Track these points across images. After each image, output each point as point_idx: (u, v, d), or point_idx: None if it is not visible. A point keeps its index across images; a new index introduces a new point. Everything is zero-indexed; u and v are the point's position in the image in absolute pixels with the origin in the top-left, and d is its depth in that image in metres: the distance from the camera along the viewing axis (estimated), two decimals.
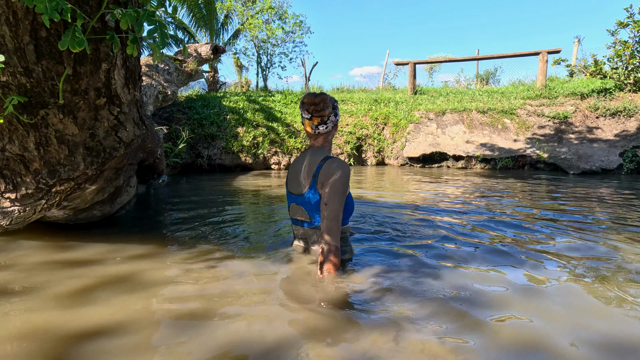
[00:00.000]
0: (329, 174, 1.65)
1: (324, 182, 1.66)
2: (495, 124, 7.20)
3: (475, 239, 2.27)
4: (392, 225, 2.59)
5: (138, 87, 2.12)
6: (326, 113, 1.73)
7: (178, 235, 2.45)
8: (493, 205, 3.31)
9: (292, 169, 1.85)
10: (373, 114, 7.77)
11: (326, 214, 1.62)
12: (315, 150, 1.79)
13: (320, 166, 1.69)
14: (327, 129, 1.77)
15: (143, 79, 5.13)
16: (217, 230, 2.53)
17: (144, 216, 3.08)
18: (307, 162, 1.75)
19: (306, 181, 1.73)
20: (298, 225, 1.86)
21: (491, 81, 14.27)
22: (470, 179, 5.15)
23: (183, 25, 14.21)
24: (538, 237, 2.33)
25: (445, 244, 2.18)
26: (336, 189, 1.63)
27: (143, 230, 2.59)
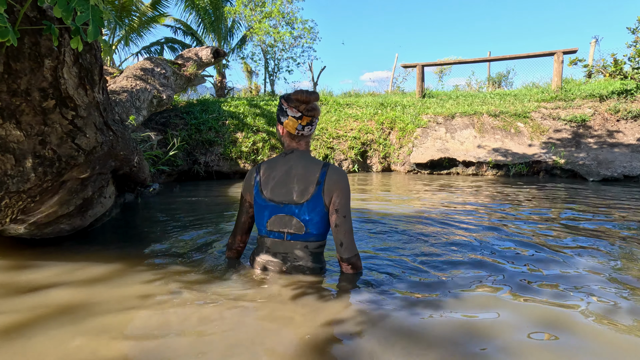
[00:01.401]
0: (341, 183, 1.55)
1: (333, 191, 1.53)
2: (507, 128, 6.84)
3: (492, 259, 1.97)
4: (397, 239, 2.30)
5: (100, 88, 1.88)
6: (316, 113, 1.58)
7: (152, 253, 2.21)
8: (509, 218, 2.99)
9: (272, 175, 1.61)
10: (379, 118, 7.48)
11: (348, 227, 1.55)
12: (303, 155, 1.61)
13: (325, 172, 1.55)
14: (311, 130, 1.61)
15: (137, 83, 4.95)
16: (197, 247, 2.28)
17: (124, 229, 2.85)
18: (301, 168, 1.57)
19: (308, 189, 1.55)
20: (280, 239, 1.60)
21: (504, 84, 13.84)
22: (482, 187, 4.82)
23: (191, 30, 14.22)
24: (562, 258, 2.01)
25: (457, 266, 1.89)
26: (349, 199, 1.57)
27: (116, 246, 2.36)
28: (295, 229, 1.57)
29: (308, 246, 1.60)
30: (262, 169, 1.66)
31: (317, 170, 1.56)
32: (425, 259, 2.00)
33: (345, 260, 1.60)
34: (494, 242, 2.30)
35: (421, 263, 1.93)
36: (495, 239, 2.37)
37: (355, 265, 1.63)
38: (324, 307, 1.43)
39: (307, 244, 1.59)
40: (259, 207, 1.62)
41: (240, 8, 12.22)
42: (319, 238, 1.60)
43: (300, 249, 1.60)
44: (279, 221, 1.58)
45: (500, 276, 1.76)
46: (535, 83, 11.16)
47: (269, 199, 1.59)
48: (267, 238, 1.63)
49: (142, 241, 2.49)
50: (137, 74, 5.11)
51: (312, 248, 1.61)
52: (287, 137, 1.65)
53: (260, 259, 1.67)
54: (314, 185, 1.54)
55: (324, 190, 1.54)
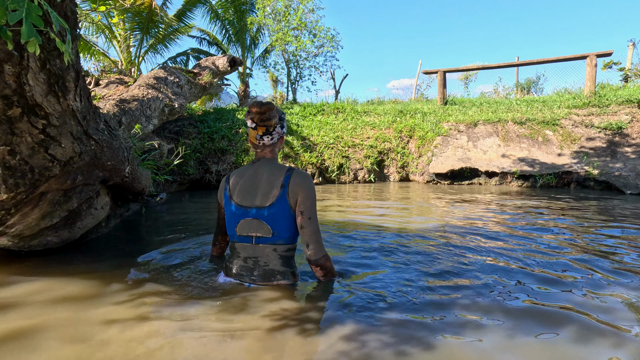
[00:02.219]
0: (305, 186, 1.60)
1: (297, 194, 1.59)
2: (535, 136, 6.42)
3: (529, 291, 1.72)
4: (409, 258, 2.07)
5: (76, 95, 1.78)
6: (272, 123, 1.64)
7: (136, 269, 2.08)
8: (533, 236, 2.69)
9: (241, 182, 1.69)
10: (397, 126, 7.23)
11: (313, 228, 1.59)
12: (269, 162, 1.69)
13: (289, 176, 1.61)
14: (271, 140, 1.68)
15: (149, 91, 4.95)
16: (183, 263, 2.14)
17: (118, 242, 2.75)
18: (266, 174, 1.64)
19: (271, 193, 1.61)
20: (249, 242, 1.65)
21: (533, 90, 13.22)
22: (506, 199, 4.48)
23: (216, 41, 14.49)
24: (605, 290, 1.73)
25: (480, 295, 1.65)
26: (314, 201, 1.61)
27: (101, 261, 2.25)
28: (263, 232, 1.62)
29: (276, 249, 1.63)
30: (232, 177, 1.73)
31: (281, 174, 1.61)
32: (435, 283, 1.77)
33: (313, 262, 1.63)
34: (518, 268, 2.04)
35: (428, 290, 1.70)
36: (519, 261, 2.10)
37: (324, 266, 1.64)
38: (298, 347, 1.23)
39: (275, 247, 1.63)
40: (228, 213, 1.69)
41: (263, 19, 12.33)
42: (287, 241, 1.64)
43: (269, 252, 1.64)
44: (247, 225, 1.64)
45: (513, 319, 1.51)
46: (568, 89, 10.58)
47: (237, 204, 1.66)
48: (237, 243, 1.68)
49: (131, 256, 2.37)
50: (150, 83, 5.12)
51: (281, 251, 1.64)
52: (252, 147, 1.73)
53: (232, 265, 1.71)
54: (278, 188, 1.60)
55: (288, 192, 1.58)
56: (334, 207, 4.05)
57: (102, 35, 11.92)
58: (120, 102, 4.37)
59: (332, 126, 7.10)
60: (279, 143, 1.72)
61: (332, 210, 3.85)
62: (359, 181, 6.52)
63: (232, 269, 1.70)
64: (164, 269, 2.06)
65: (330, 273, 1.69)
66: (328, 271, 1.67)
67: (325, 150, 6.45)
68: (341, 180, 6.43)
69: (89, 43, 11.59)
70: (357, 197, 4.87)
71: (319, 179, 6.21)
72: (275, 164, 1.68)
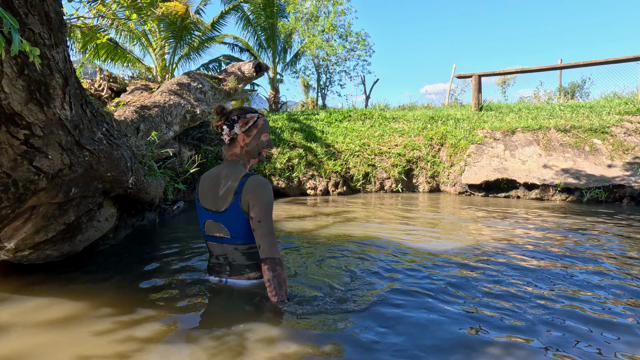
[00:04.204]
0: (255, 192, 1.64)
1: (249, 200, 1.64)
2: (580, 145, 5.86)
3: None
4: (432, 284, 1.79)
5: (64, 103, 1.65)
6: (214, 123, 1.77)
7: (136, 287, 1.95)
8: (597, 264, 2.31)
9: (205, 183, 1.79)
10: (427, 133, 6.85)
11: (263, 231, 1.62)
12: (229, 165, 1.75)
13: (243, 183, 1.65)
14: (228, 138, 1.76)
15: (171, 98, 4.91)
16: (195, 284, 1.95)
17: (126, 254, 2.62)
18: (224, 178, 1.71)
19: (226, 198, 1.69)
20: (215, 242, 1.78)
21: (578, 95, 12.32)
22: (548, 215, 4.04)
23: (248, 47, 14.65)
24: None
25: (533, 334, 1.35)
26: (267, 205, 1.65)
27: (104, 276, 2.13)
28: (223, 233, 1.73)
29: (237, 248, 1.73)
30: (201, 178, 1.84)
31: (237, 181, 1.67)
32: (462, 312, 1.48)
33: (262, 260, 1.63)
34: (565, 301, 1.70)
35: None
36: (565, 286, 1.76)
37: (272, 268, 1.61)
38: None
39: (236, 246, 1.73)
40: (198, 213, 1.82)
41: (293, 23, 12.29)
42: (246, 241, 1.72)
43: (232, 250, 1.75)
44: (211, 226, 1.76)
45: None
46: (617, 93, 9.74)
47: (202, 206, 1.78)
48: (208, 242, 1.83)
49: (133, 270, 2.24)
50: (173, 89, 5.09)
51: (243, 249, 1.73)
52: None
53: (211, 263, 1.85)
54: (232, 194, 1.67)
55: (241, 199, 1.64)
56: (358, 220, 3.78)
57: (139, 43, 12.34)
58: (140, 108, 4.33)
59: (358, 133, 6.83)
60: (236, 145, 1.76)
61: (354, 222, 3.59)
62: (386, 191, 6.20)
63: (210, 266, 1.85)
64: (161, 287, 1.91)
65: (276, 279, 1.60)
66: (275, 276, 1.60)
67: (350, 158, 6.20)
68: (367, 190, 6.14)
69: (125, 51, 12.02)
70: (384, 208, 4.58)
71: (344, 187, 5.95)
72: (236, 168, 1.72)
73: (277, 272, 1.60)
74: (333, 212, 4.32)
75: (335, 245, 2.73)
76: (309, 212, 4.33)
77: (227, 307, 1.65)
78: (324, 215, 4.07)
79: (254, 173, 1.71)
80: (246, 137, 1.75)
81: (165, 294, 1.84)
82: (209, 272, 1.87)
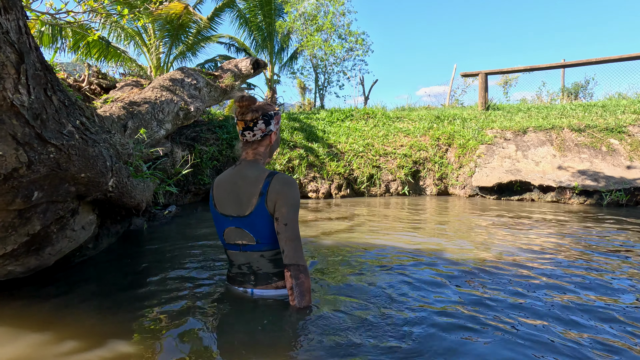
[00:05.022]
0: (283, 192, 1.51)
1: (276, 201, 1.51)
2: (597, 146, 5.57)
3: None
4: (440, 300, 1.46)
5: (20, 84, 1.30)
6: (248, 117, 1.55)
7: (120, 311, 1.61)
8: (623, 280, 1.99)
9: (221, 188, 1.62)
10: (434, 133, 6.54)
11: (289, 234, 1.50)
12: (250, 165, 1.59)
13: (268, 183, 1.52)
14: (253, 136, 1.58)
15: (163, 94, 4.56)
16: (169, 299, 1.61)
17: (109, 269, 2.27)
18: (245, 180, 1.56)
19: (250, 201, 1.54)
20: (237, 250, 1.61)
21: (581, 95, 12.09)
22: (566, 220, 3.72)
23: (244, 47, 14.33)
24: None
25: None
26: (294, 206, 1.53)
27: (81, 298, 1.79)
28: (247, 240, 1.58)
29: (264, 255, 1.58)
30: (215, 183, 1.67)
31: (261, 181, 1.53)
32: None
33: (286, 266, 1.51)
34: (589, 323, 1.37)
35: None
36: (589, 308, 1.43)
37: (295, 276, 1.50)
38: None
39: (262, 253, 1.58)
40: (215, 221, 1.66)
41: (291, 22, 11.98)
42: (272, 247, 1.57)
43: (258, 258, 1.59)
44: (232, 233, 1.60)
45: None
46: (622, 94, 9.49)
47: (220, 212, 1.61)
48: (228, 251, 1.66)
49: (116, 288, 1.90)
50: (165, 85, 4.74)
51: (269, 256, 1.59)
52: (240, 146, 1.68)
53: (232, 273, 1.69)
54: (256, 197, 1.53)
55: (267, 201, 1.51)
56: (363, 225, 3.45)
57: (133, 42, 11.97)
58: (129, 104, 3.98)
59: (361, 133, 6.51)
60: (263, 143, 1.61)
61: (361, 229, 3.25)
62: (391, 194, 5.87)
63: (232, 276, 1.68)
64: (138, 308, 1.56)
65: (299, 288, 1.48)
66: (298, 284, 1.48)
67: (353, 159, 5.87)
68: (371, 193, 5.80)
69: (118, 49, 11.64)
70: (391, 213, 4.25)
71: (347, 190, 5.62)
72: (257, 167, 1.58)
73: (301, 280, 1.49)
74: (339, 216, 3.98)
75: (348, 253, 2.39)
76: (311, 216, 3.99)
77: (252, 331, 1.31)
78: (328, 221, 3.73)
79: (278, 172, 1.58)
80: (275, 134, 1.65)
81: (157, 320, 1.49)
82: (228, 280, 1.72)
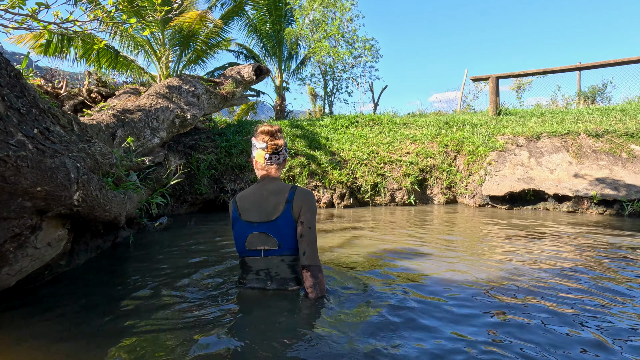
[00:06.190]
0: (307, 200, 1.71)
1: (301, 207, 1.69)
2: (617, 152, 5.24)
3: None
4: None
5: None
6: (280, 143, 1.80)
7: (94, 341, 1.41)
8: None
9: (245, 201, 1.78)
10: (442, 140, 6.28)
11: (311, 237, 1.68)
12: (272, 181, 1.79)
13: (293, 192, 1.72)
14: (278, 160, 1.82)
15: (158, 101, 4.44)
16: (182, 325, 1.42)
17: (84, 287, 2.10)
18: (272, 190, 1.75)
19: (277, 207, 1.71)
20: (258, 256, 1.74)
21: (599, 99, 11.63)
22: (585, 232, 3.43)
23: (253, 54, 14.34)
24: None
25: None
26: (315, 214, 1.73)
27: (36, 325, 1.60)
28: (270, 244, 1.71)
29: (284, 259, 1.72)
30: (239, 198, 1.80)
31: (286, 191, 1.72)
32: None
33: (305, 267, 1.67)
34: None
35: None
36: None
37: (314, 275, 1.67)
38: None
39: (283, 258, 1.71)
40: (238, 229, 1.76)
41: (299, 30, 11.92)
42: (292, 252, 1.71)
43: (278, 263, 1.72)
44: (255, 239, 1.72)
45: None
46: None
47: (245, 220, 1.74)
48: (246, 257, 1.76)
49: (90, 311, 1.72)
50: (162, 92, 4.63)
51: (289, 261, 1.72)
52: (259, 168, 1.83)
53: (246, 280, 1.77)
54: (283, 203, 1.70)
55: (293, 207, 1.69)
56: (364, 238, 3.22)
57: (143, 51, 12.06)
58: (121, 112, 3.86)
59: (366, 140, 6.29)
60: (283, 164, 1.86)
61: (360, 245, 3.03)
62: (397, 203, 5.62)
63: (247, 283, 1.77)
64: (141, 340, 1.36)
65: (319, 286, 1.69)
66: (318, 282, 1.68)
67: (357, 167, 5.65)
68: (376, 202, 5.57)
69: (127, 58, 11.73)
70: (397, 225, 4.01)
71: (350, 200, 5.40)
72: (279, 182, 1.79)
73: (319, 279, 1.69)
74: (341, 227, 3.76)
75: (350, 273, 2.18)
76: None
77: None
78: (328, 232, 3.52)
79: (298, 186, 1.81)
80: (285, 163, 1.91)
81: (141, 350, 1.30)
82: (240, 290, 1.80)
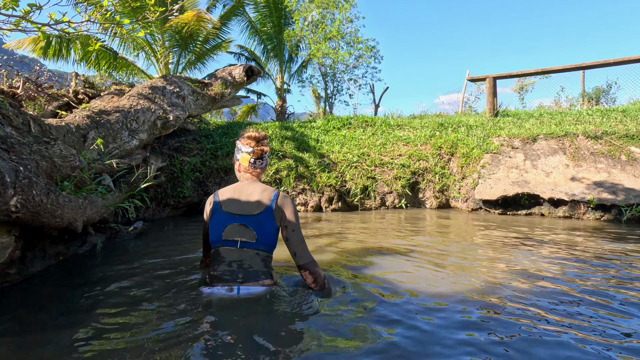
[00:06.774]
0: (288, 204, 1.83)
1: (284, 210, 1.80)
2: (616, 155, 5.04)
3: None
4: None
5: None
6: (266, 150, 1.92)
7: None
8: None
9: (227, 194, 1.84)
10: (436, 142, 6.12)
11: (299, 237, 1.80)
12: (254, 182, 1.87)
13: (276, 195, 1.82)
14: (262, 164, 1.92)
15: (139, 102, 4.35)
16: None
17: (35, 298, 1.98)
18: (256, 189, 1.82)
19: (260, 203, 1.78)
20: (234, 247, 1.77)
21: (603, 101, 11.38)
22: (581, 239, 3.25)
23: (254, 56, 14.29)
24: None
25: None
26: (297, 216, 1.83)
27: None
28: (248, 237, 1.77)
29: (259, 254, 1.78)
30: (220, 192, 1.89)
31: (269, 192, 1.83)
32: None
33: (302, 267, 1.79)
34: None
35: None
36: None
37: (313, 271, 1.78)
38: None
39: (258, 252, 1.78)
40: (216, 219, 1.81)
41: (299, 31, 11.84)
42: (267, 249, 1.80)
43: (253, 256, 1.77)
44: (234, 230, 1.78)
45: None
46: None
47: (226, 211, 1.80)
48: (221, 247, 1.79)
49: (40, 323, 1.59)
50: (144, 93, 4.54)
51: (263, 256, 1.79)
52: (242, 170, 1.93)
53: (217, 271, 1.77)
54: (267, 200, 1.80)
55: (274, 208, 1.79)
56: (347, 242, 3.08)
57: (143, 53, 12.03)
58: (97, 113, 3.76)
59: (357, 142, 6.15)
60: (264, 169, 1.95)
61: (344, 249, 2.89)
62: (387, 207, 5.47)
63: (217, 275, 1.76)
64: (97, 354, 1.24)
65: (319, 278, 1.78)
66: (317, 276, 1.78)
67: (347, 169, 5.51)
68: (365, 206, 5.42)
69: (126, 60, 11.71)
70: (386, 229, 3.86)
71: (338, 204, 5.25)
72: (260, 184, 1.86)
73: (318, 272, 1.79)
74: (328, 232, 3.63)
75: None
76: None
77: None
78: (314, 238, 3.38)
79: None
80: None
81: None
82: (211, 280, 1.79)
